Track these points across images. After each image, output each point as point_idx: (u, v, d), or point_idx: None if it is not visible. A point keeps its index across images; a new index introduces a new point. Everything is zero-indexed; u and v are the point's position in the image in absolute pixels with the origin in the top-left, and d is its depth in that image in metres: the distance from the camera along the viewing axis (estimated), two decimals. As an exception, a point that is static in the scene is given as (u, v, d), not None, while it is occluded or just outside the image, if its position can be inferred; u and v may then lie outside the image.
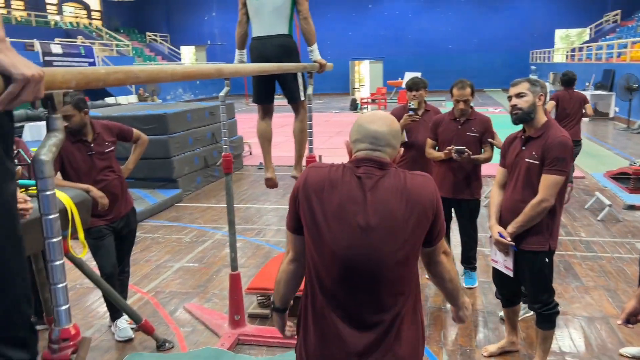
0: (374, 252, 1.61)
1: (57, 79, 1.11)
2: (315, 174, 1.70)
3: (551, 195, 2.77)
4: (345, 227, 1.61)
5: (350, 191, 1.62)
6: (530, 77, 2.98)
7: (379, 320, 1.65)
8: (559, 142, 2.76)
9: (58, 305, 1.17)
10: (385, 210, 1.60)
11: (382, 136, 1.67)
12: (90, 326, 3.92)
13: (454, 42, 30.69)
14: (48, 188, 1.12)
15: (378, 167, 1.65)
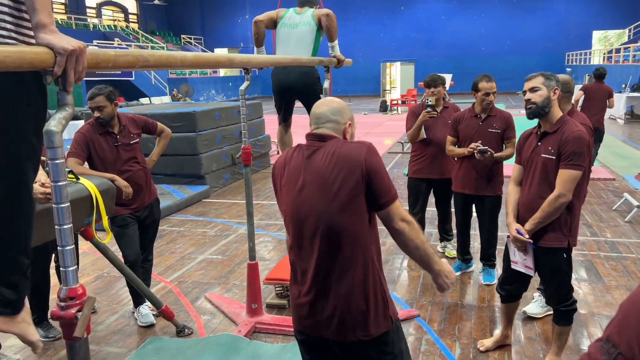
0: (309, 206, 1.86)
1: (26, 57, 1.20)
2: (281, 157, 2.05)
3: (569, 190, 2.73)
4: (290, 191, 1.92)
5: (295, 163, 1.94)
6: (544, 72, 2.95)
7: (329, 274, 1.87)
8: (575, 136, 2.72)
9: (65, 266, 1.27)
10: (315, 171, 1.86)
11: (322, 114, 1.96)
12: (114, 312, 4.08)
13: (486, 44, 30.34)
14: (58, 157, 1.22)
15: (318, 140, 1.92)
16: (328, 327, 1.90)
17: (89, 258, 5.19)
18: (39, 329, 3.67)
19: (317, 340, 1.97)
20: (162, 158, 7.14)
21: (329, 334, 1.91)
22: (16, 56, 1.12)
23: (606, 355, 0.82)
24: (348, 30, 31.74)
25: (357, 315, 1.87)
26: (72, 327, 1.25)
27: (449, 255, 4.95)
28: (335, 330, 1.89)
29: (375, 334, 1.89)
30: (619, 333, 0.83)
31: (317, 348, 2.01)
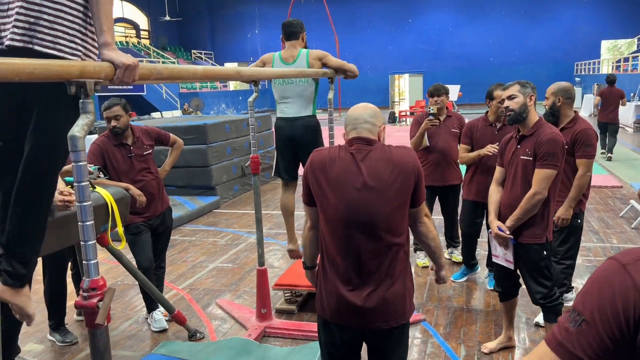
0: (369, 206, 2.01)
1: (88, 70, 1.35)
2: (318, 155, 2.14)
3: (544, 188, 2.91)
4: (344, 190, 2.03)
5: (346, 163, 2.05)
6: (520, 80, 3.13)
7: (376, 269, 2.04)
8: (549, 138, 2.91)
9: (88, 259, 1.39)
10: (376, 174, 2.01)
11: (360, 116, 2.12)
12: (128, 318, 4.20)
13: (495, 55, 30.44)
14: (81, 159, 1.35)
15: (365, 143, 2.08)
16: (369, 316, 2.05)
17: (104, 267, 5.33)
18: (56, 334, 3.80)
19: (347, 330, 2.12)
20: (174, 170, 7.30)
21: (366, 323, 2.07)
22: (43, 68, 1.26)
23: (573, 322, 0.90)
24: (356, 42, 32.00)
25: (398, 305, 2.08)
26: (94, 315, 1.37)
27: (455, 260, 5.02)
28: (375, 318, 2.06)
29: (402, 321, 2.12)
30: (583, 303, 0.91)
31: (344, 338, 2.15)
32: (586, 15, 29.28)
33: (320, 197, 2.10)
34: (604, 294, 0.89)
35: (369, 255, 2.04)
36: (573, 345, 0.89)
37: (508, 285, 3.32)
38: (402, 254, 2.10)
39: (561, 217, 3.48)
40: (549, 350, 0.92)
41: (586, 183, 3.50)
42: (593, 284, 0.93)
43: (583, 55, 28.54)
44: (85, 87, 1.36)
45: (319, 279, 2.19)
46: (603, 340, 0.87)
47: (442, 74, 29.81)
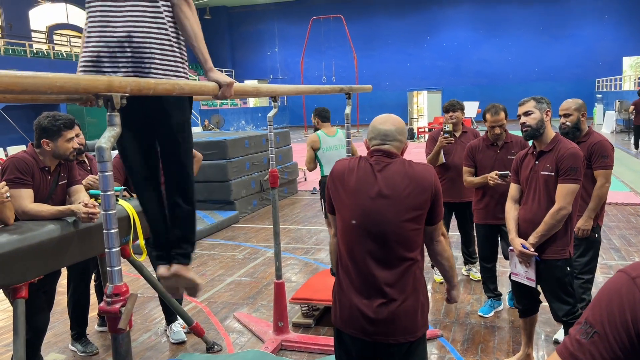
0: (380, 215, 2.04)
1: (115, 84, 1.41)
2: (339, 165, 2.22)
3: (568, 203, 2.90)
4: (360, 198, 2.07)
5: (364, 173, 2.10)
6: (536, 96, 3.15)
7: (387, 281, 2.04)
8: (570, 153, 2.91)
9: (112, 266, 1.44)
10: (391, 185, 2.05)
11: (390, 133, 2.15)
12: (148, 329, 4.25)
13: (514, 72, 30.33)
14: (107, 170, 1.41)
15: (386, 156, 2.12)
16: (382, 329, 2.07)
17: (125, 279, 5.38)
18: (78, 344, 3.86)
19: (361, 342, 2.12)
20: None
21: (380, 336, 2.08)
22: (72, 83, 1.32)
23: (584, 334, 0.92)
24: (374, 60, 32.17)
25: (407, 321, 2.08)
26: (116, 320, 1.42)
27: (473, 278, 4.99)
28: (389, 332, 2.07)
29: (417, 336, 2.13)
30: (594, 315, 0.93)
31: (358, 350, 2.16)
32: (607, 31, 29.08)
33: (338, 206, 2.16)
34: (613, 306, 0.90)
35: (380, 266, 2.06)
36: (585, 356, 0.90)
37: (528, 302, 3.29)
38: (415, 269, 2.10)
39: (582, 228, 3.47)
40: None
41: (605, 194, 3.50)
42: (603, 296, 0.94)
43: (604, 71, 28.28)
44: (112, 100, 1.42)
45: (335, 288, 2.22)
46: (615, 352, 0.89)
47: (461, 91, 29.78)
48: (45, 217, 2.87)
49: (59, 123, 3.05)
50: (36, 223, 2.81)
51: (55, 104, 17.64)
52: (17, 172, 2.93)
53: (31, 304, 2.91)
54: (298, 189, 10.28)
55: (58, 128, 3.05)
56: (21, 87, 1.20)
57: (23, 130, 11.62)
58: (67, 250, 2.89)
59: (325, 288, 4.30)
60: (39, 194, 3.04)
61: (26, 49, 23.49)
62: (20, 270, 2.62)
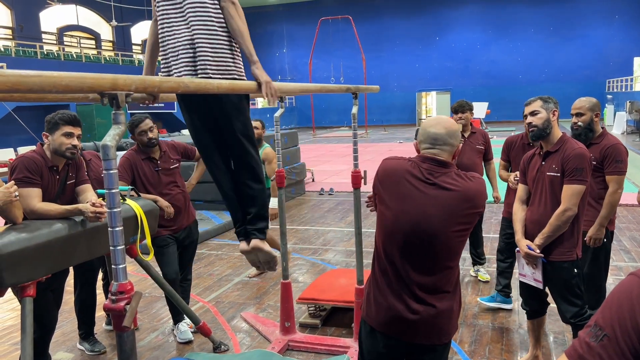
0: (430, 225, 2.00)
1: (119, 82, 1.42)
2: (388, 164, 2.16)
3: (574, 204, 2.86)
4: (408, 206, 2.02)
5: (415, 181, 2.04)
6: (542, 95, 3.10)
7: (427, 285, 2.05)
8: (576, 153, 2.87)
9: (117, 264, 1.44)
10: (443, 200, 2.00)
11: (440, 137, 2.08)
12: (155, 329, 4.27)
13: (523, 73, 30.18)
14: (112, 168, 1.41)
15: (439, 165, 2.06)
16: (418, 332, 2.07)
17: (132, 279, 5.34)
18: (86, 343, 3.88)
19: (395, 341, 2.13)
20: (202, 185, 7.42)
21: (414, 338, 2.09)
22: (78, 81, 1.33)
23: (594, 337, 0.90)
24: (383, 60, 32.14)
25: (444, 323, 2.09)
26: (121, 318, 1.42)
27: (482, 279, 4.96)
28: (424, 334, 2.08)
29: (449, 339, 2.14)
30: (604, 317, 0.91)
31: (390, 348, 2.16)
32: (617, 32, 28.87)
33: (382, 206, 2.12)
34: (624, 309, 0.89)
35: (420, 273, 2.05)
36: (595, 359, 0.89)
37: (536, 303, 3.27)
38: (453, 275, 2.11)
39: (593, 237, 3.35)
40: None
41: (618, 200, 3.36)
42: (613, 298, 0.93)
43: (615, 72, 28.07)
44: (117, 99, 1.43)
45: (369, 287, 2.20)
46: (625, 355, 0.87)
47: (469, 92, 29.68)
48: (53, 216, 2.88)
49: (57, 117, 3.07)
50: (44, 222, 2.82)
51: (65, 104, 17.79)
52: (26, 172, 2.95)
53: (39, 302, 2.93)
54: (306, 190, 10.28)
55: (55, 121, 3.06)
56: (27, 86, 1.20)
57: (33, 131, 11.73)
58: (75, 249, 2.91)
59: (332, 289, 4.29)
60: (47, 193, 3.06)
61: (37, 50, 23.70)
62: (28, 269, 2.63)
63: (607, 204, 3.33)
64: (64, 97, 2.64)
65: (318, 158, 15.97)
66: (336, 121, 32.17)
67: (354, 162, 3.63)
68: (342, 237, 6.88)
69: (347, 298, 4.03)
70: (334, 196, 9.72)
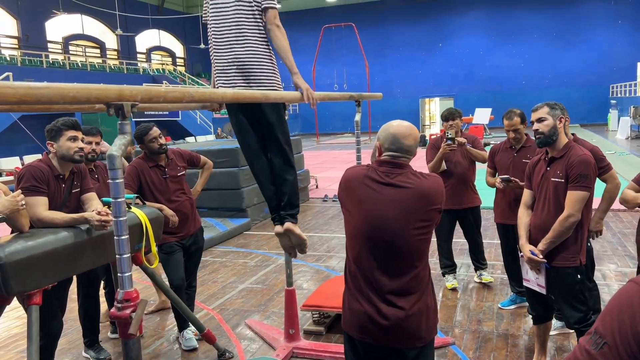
0: (390, 226, 2.05)
1: (125, 93, 1.44)
2: (348, 173, 2.23)
3: (577, 210, 2.87)
4: (367, 209, 2.07)
5: (372, 183, 2.10)
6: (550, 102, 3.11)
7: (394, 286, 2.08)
8: (580, 160, 2.88)
9: (122, 272, 1.46)
10: (400, 198, 2.05)
11: (411, 149, 2.16)
12: (160, 337, 4.28)
13: (527, 78, 30.17)
14: (118, 177, 1.43)
15: (397, 167, 2.12)
16: (391, 335, 2.09)
17: (138, 286, 5.38)
18: (91, 351, 3.90)
19: (371, 347, 2.15)
20: (206, 192, 7.47)
21: (389, 341, 2.11)
22: (85, 92, 1.36)
23: (594, 345, 0.91)
24: (386, 66, 32.20)
25: (413, 326, 2.10)
26: (127, 325, 1.43)
27: (485, 281, 4.95)
28: (397, 337, 2.10)
29: (426, 341, 2.15)
30: (604, 325, 0.92)
31: (368, 354, 2.18)
32: (621, 37, 28.84)
33: (346, 214, 2.18)
34: (624, 317, 0.89)
35: (387, 276, 2.08)
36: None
37: (541, 309, 3.27)
38: (422, 275, 2.13)
39: (593, 230, 3.47)
40: None
41: (616, 194, 3.47)
42: (614, 306, 0.93)
43: (618, 77, 28.01)
44: (122, 109, 1.45)
45: (345, 294, 2.24)
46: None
47: (473, 97, 29.68)
48: (59, 224, 2.91)
49: (59, 123, 3.10)
50: (50, 230, 2.85)
51: (70, 113, 17.90)
52: (32, 180, 2.98)
53: (45, 310, 2.95)
54: (310, 197, 10.30)
55: (58, 128, 3.09)
56: (35, 97, 1.23)
57: (39, 140, 11.82)
58: (81, 257, 2.93)
59: (336, 295, 4.29)
60: (53, 202, 3.08)
61: (42, 60, 23.86)
62: (35, 277, 2.65)
63: (606, 198, 3.49)
64: (70, 107, 2.68)
65: (322, 165, 15.99)
66: (340, 128, 32.22)
67: (358, 169, 3.65)
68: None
69: (351, 305, 4.03)
70: (337, 203, 9.72)
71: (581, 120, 27.06)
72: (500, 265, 5.37)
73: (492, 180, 4.32)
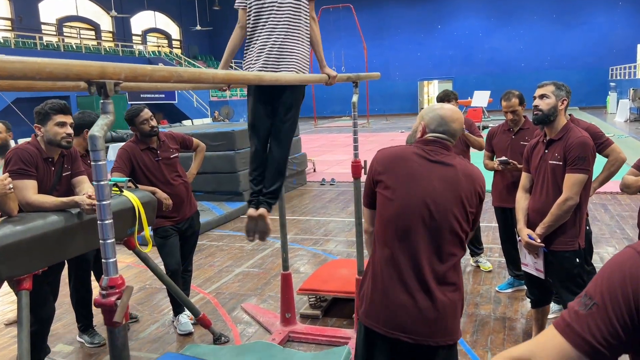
0: (439, 205, 1.95)
1: (108, 70, 1.37)
2: (386, 153, 2.11)
3: (575, 194, 2.82)
4: (415, 187, 1.97)
5: (421, 161, 2.02)
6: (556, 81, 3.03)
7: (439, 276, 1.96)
8: (579, 142, 2.82)
9: (107, 258, 1.40)
10: (451, 178, 1.99)
11: (457, 134, 2.13)
12: (155, 321, 4.25)
13: (526, 60, 29.96)
14: (100, 159, 1.37)
15: (444, 148, 2.06)
16: (428, 329, 1.94)
17: (133, 271, 5.41)
18: (85, 335, 3.87)
19: (399, 344, 1.97)
20: (202, 176, 7.40)
21: (424, 336, 1.94)
22: (63, 68, 1.28)
23: (583, 306, 0.89)
24: (384, 49, 31.93)
25: (454, 317, 1.99)
26: (112, 313, 1.38)
27: (484, 269, 4.92)
28: (434, 332, 1.95)
29: (456, 339, 2.03)
30: (595, 287, 0.90)
31: (394, 352, 2.01)
32: (621, 18, 28.60)
33: (386, 191, 2.01)
34: (615, 277, 0.88)
35: (434, 259, 1.95)
36: (582, 327, 0.87)
37: (539, 293, 3.24)
38: (459, 265, 2.04)
39: None
40: (557, 333, 0.90)
41: (618, 167, 3.45)
42: (606, 270, 0.92)
43: (618, 59, 27.83)
44: (105, 87, 1.38)
45: (368, 284, 2.06)
46: (613, 325, 0.86)
47: (472, 80, 29.50)
48: (49, 208, 2.84)
49: (47, 107, 2.99)
50: (40, 214, 2.78)
51: (65, 94, 17.72)
52: (20, 163, 2.91)
53: (36, 295, 2.90)
54: (307, 180, 10.24)
55: (46, 112, 2.99)
56: (7, 72, 1.15)
57: (32, 123, 11.73)
58: (72, 241, 2.87)
59: (333, 279, 4.26)
60: (43, 185, 3.01)
61: (36, 42, 23.59)
62: (24, 262, 2.60)
63: (606, 169, 3.48)
64: (62, 87, 2.59)
65: (319, 148, 15.90)
66: (338, 111, 32.03)
67: (354, 151, 3.59)
68: (344, 227, 6.84)
69: (348, 289, 4.00)
70: (335, 186, 9.67)
71: (580, 103, 26.92)
72: (498, 249, 5.34)
73: (490, 164, 4.28)
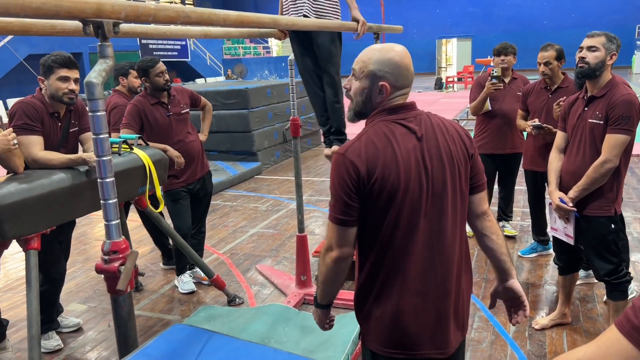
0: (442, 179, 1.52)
1: (106, 8, 1.20)
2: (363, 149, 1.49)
3: (615, 156, 2.61)
4: (413, 169, 1.48)
5: (405, 137, 1.50)
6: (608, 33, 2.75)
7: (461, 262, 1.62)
8: (624, 99, 2.58)
9: (108, 219, 1.27)
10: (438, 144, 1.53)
11: (412, 74, 1.56)
12: (169, 281, 4.19)
13: (549, 18, 28.92)
14: (99, 109, 1.21)
15: (412, 110, 1.56)
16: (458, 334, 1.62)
17: (143, 232, 5.34)
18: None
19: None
20: (216, 135, 7.25)
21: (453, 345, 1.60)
22: (51, 5, 1.11)
23: None
24: (402, 6, 31.04)
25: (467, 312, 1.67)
26: (115, 280, 1.25)
27: (508, 234, 4.74)
28: (456, 338, 1.62)
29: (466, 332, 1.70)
30: None
31: None
32: (651, -27, 27.36)
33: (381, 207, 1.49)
34: None
35: (454, 247, 1.56)
36: None
37: (568, 259, 3.08)
38: (467, 245, 1.66)
39: None
40: (621, 336, 0.78)
41: None
42: None
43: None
44: (103, 28, 1.21)
45: (368, 303, 1.59)
46: None
47: (492, 38, 28.59)
48: (55, 165, 2.72)
49: (51, 59, 2.81)
50: (46, 172, 2.66)
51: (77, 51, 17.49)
52: (25, 118, 2.77)
53: (46, 255, 2.82)
54: (322, 141, 10.05)
55: (49, 65, 2.81)
56: (-14, 6, 0.99)
57: (46, 80, 11.64)
58: (80, 200, 2.76)
59: (350, 241, 4.14)
60: (49, 142, 2.88)
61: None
62: (31, 221, 2.49)
63: None
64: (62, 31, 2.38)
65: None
66: (353, 70, 31.40)
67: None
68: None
69: (365, 251, 3.88)
70: (351, 146, 9.48)
71: (603, 63, 26.09)
72: (521, 212, 5.17)
73: (522, 124, 3.99)
